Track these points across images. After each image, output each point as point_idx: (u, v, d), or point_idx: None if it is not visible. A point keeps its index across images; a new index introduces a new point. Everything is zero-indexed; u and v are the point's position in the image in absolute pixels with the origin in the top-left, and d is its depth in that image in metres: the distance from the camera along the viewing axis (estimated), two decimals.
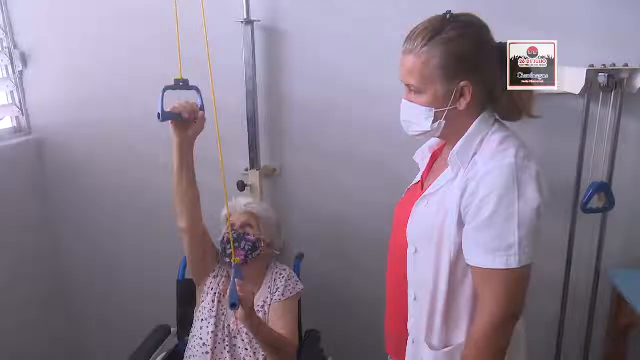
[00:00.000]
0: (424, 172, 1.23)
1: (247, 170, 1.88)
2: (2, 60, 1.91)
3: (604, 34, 1.66)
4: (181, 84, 1.33)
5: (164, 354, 1.72)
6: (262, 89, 1.86)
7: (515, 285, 0.99)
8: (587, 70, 1.57)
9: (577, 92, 1.61)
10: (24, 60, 1.94)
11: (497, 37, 1.68)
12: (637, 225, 1.82)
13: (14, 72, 1.94)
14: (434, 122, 1.04)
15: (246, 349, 1.53)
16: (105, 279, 2.16)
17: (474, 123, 1.04)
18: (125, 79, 1.92)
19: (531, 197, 0.96)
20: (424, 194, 1.11)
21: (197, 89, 1.38)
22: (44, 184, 2.06)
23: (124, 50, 1.90)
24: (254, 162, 1.87)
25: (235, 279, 1.29)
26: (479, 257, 0.99)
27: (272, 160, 1.94)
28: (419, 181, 1.22)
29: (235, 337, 1.55)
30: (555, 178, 1.82)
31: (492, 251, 0.97)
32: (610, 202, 1.71)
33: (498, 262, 0.97)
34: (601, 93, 1.65)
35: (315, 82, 1.83)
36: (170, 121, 1.35)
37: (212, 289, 1.61)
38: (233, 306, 1.28)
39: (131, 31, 1.88)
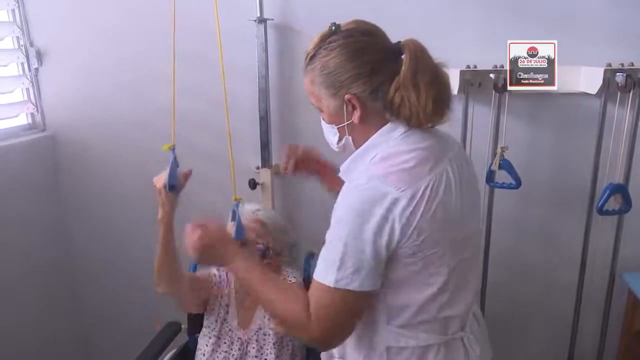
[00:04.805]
0: None
1: (258, 168, 1.88)
2: (18, 58, 1.93)
3: (622, 33, 1.64)
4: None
5: (174, 350, 1.73)
6: (275, 87, 1.86)
7: (328, 306, 0.92)
8: (605, 70, 1.54)
9: (594, 92, 1.58)
10: (40, 57, 1.96)
11: (512, 36, 1.67)
12: None
13: (29, 69, 1.96)
14: (340, 139, 1.01)
15: (256, 357, 1.53)
16: (116, 275, 2.17)
17: (374, 135, 0.97)
18: (140, 77, 1.93)
19: (364, 226, 0.88)
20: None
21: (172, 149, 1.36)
22: (58, 180, 2.08)
23: (138, 48, 1.91)
24: (265, 161, 1.87)
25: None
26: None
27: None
28: None
29: (247, 346, 1.53)
30: (571, 179, 1.80)
31: (319, 263, 0.94)
32: (627, 204, 1.68)
33: (320, 275, 0.92)
34: (619, 93, 1.62)
35: None
36: (168, 191, 1.30)
37: (213, 309, 1.58)
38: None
39: (145, 29, 1.89)
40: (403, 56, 0.94)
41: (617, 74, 1.56)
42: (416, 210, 0.87)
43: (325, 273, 0.91)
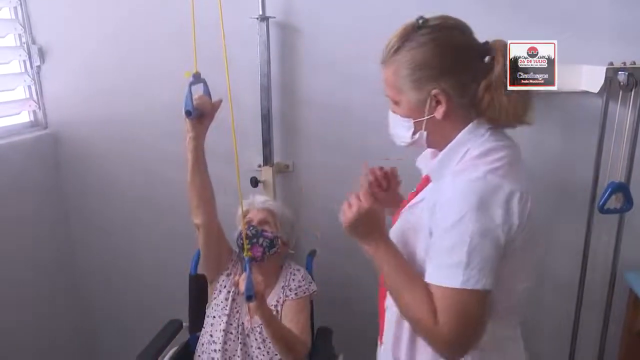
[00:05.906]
0: (423, 179, 1.16)
1: (260, 166, 1.89)
2: (20, 55, 1.93)
3: (623, 32, 1.64)
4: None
5: (175, 348, 1.73)
6: (277, 85, 1.86)
7: (459, 310, 0.89)
8: (607, 69, 1.55)
9: (596, 91, 1.58)
10: (42, 55, 1.96)
11: (514, 35, 1.66)
12: None
13: (31, 66, 1.96)
14: (414, 133, 1.00)
15: (259, 348, 1.53)
16: (118, 273, 2.17)
17: (461, 132, 0.96)
18: (141, 74, 1.93)
19: (488, 221, 0.87)
20: (409, 203, 1.07)
21: (204, 82, 1.40)
22: (60, 178, 2.07)
23: (140, 45, 1.91)
24: (267, 159, 1.87)
25: (251, 272, 1.28)
26: (429, 272, 0.93)
27: (285, 156, 1.94)
28: (417, 189, 1.16)
29: (248, 335, 1.55)
30: (572, 178, 1.80)
31: (438, 267, 0.91)
32: (629, 203, 1.68)
33: (443, 279, 0.89)
34: (620, 92, 1.62)
35: (330, 79, 1.83)
36: (187, 117, 1.35)
37: (224, 287, 1.61)
38: (249, 299, 1.29)
39: (147, 27, 1.89)
40: (487, 57, 0.95)
41: (619, 72, 1.57)
42: (527, 201, 0.90)
43: (449, 276, 0.88)
